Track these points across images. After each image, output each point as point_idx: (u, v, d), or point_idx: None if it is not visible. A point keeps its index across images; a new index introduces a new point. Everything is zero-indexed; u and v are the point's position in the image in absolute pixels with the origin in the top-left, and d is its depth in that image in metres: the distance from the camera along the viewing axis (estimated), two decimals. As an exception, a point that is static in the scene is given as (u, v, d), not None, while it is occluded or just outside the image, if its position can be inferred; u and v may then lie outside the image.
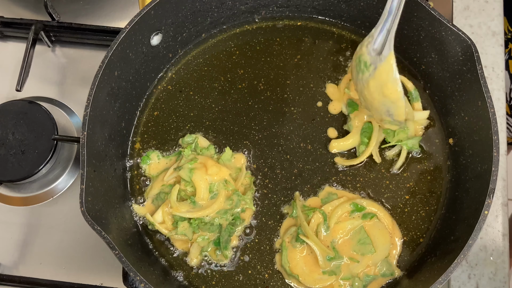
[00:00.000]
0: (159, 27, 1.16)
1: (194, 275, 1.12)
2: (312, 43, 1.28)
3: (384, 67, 1.00)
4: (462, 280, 1.20)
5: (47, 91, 1.36)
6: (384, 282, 1.10)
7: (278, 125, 1.22)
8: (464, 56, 1.07)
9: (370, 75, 1.02)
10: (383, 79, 1.01)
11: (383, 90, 1.02)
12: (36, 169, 1.21)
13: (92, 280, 1.21)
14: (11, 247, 1.25)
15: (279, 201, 1.16)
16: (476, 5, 1.39)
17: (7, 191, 1.28)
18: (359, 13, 1.24)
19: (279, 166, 1.19)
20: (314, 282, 1.08)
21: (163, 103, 1.24)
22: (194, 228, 1.09)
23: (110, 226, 1.01)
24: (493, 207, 1.24)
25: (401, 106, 1.02)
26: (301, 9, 1.29)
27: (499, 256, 1.21)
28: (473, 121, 1.09)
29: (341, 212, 1.11)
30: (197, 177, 1.10)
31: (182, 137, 1.20)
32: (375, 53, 1.02)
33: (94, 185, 1.01)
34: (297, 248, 1.10)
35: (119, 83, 1.12)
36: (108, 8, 1.44)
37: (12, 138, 1.23)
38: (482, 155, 1.04)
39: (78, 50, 1.39)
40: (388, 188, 1.16)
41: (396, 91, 1.00)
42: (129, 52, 1.12)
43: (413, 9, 1.12)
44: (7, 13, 1.41)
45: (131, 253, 1.01)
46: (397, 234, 1.13)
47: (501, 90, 1.32)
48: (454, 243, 1.02)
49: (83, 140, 1.00)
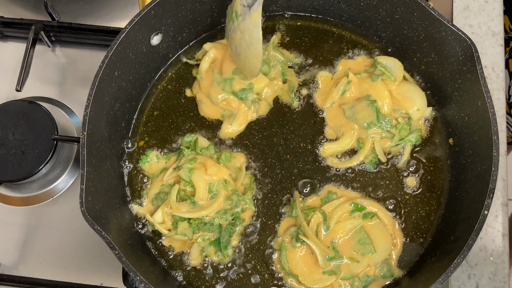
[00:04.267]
0: (159, 27, 1.16)
1: (194, 275, 1.12)
2: (312, 43, 1.28)
3: (249, 21, 1.03)
4: (462, 280, 1.20)
5: (47, 91, 1.36)
6: (384, 283, 1.10)
7: (278, 125, 1.22)
8: (464, 56, 1.08)
9: (237, 27, 1.06)
10: (248, 33, 1.05)
11: (248, 45, 1.06)
12: (36, 169, 1.21)
13: (92, 280, 1.21)
14: (11, 247, 1.25)
15: (279, 201, 1.16)
16: (476, 5, 1.39)
17: (7, 191, 1.28)
18: (359, 13, 1.24)
19: (279, 166, 1.19)
20: (314, 282, 1.08)
21: (163, 103, 1.24)
22: (194, 228, 1.09)
23: (110, 226, 1.01)
24: (493, 207, 1.24)
25: (257, 65, 1.08)
26: (301, 9, 1.29)
27: (499, 256, 1.21)
28: (473, 121, 1.09)
29: (341, 212, 1.11)
30: (196, 177, 1.10)
31: (182, 137, 1.21)
32: (247, 4, 1.04)
33: (94, 185, 1.01)
34: (297, 248, 1.10)
35: (119, 83, 1.12)
36: (108, 8, 1.44)
37: (12, 138, 1.23)
38: (482, 155, 1.04)
39: (78, 50, 1.40)
40: (388, 188, 1.16)
41: (256, 49, 1.05)
42: (129, 52, 1.12)
43: (413, 9, 1.12)
44: (7, 13, 1.41)
45: (131, 253, 1.01)
46: (397, 234, 1.13)
47: (501, 90, 1.32)
48: (454, 243, 1.02)
49: (83, 140, 1.00)
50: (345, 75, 1.21)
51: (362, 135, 1.17)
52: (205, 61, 1.22)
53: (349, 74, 1.20)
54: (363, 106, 1.16)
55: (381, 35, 1.25)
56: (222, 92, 1.19)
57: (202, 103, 1.22)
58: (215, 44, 1.24)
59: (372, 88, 1.17)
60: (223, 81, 1.18)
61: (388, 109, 1.16)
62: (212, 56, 1.22)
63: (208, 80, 1.21)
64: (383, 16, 1.20)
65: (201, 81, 1.21)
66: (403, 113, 1.17)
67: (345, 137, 1.18)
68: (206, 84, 1.21)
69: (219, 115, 1.22)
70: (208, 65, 1.21)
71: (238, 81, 1.18)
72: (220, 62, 1.20)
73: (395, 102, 1.17)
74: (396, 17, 1.18)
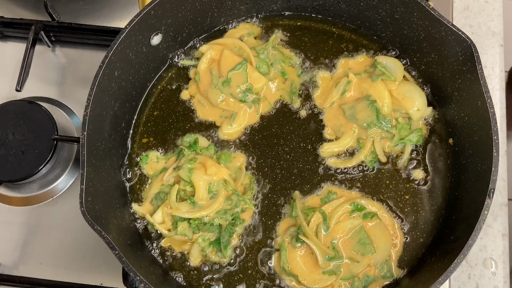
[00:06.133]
0: (159, 27, 1.16)
1: (194, 275, 1.12)
2: (312, 43, 1.28)
3: None
4: (462, 280, 1.20)
5: (47, 91, 1.36)
6: (384, 283, 1.10)
7: (278, 125, 1.22)
8: (464, 56, 1.07)
9: None
10: None
11: None
12: (36, 169, 1.21)
13: (92, 280, 1.21)
14: (11, 247, 1.25)
15: (279, 201, 1.16)
16: (476, 5, 1.39)
17: (7, 191, 1.28)
18: (359, 13, 1.24)
19: (279, 166, 1.19)
20: (314, 282, 1.08)
21: (163, 103, 1.24)
22: (194, 229, 1.09)
23: (110, 226, 1.01)
24: (493, 207, 1.24)
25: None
26: (301, 9, 1.29)
27: (499, 256, 1.21)
28: (473, 121, 1.09)
29: (341, 212, 1.11)
30: (196, 177, 1.10)
31: (182, 137, 1.21)
32: None
33: (94, 185, 1.01)
34: (297, 248, 1.10)
35: (119, 83, 1.12)
36: (108, 8, 1.44)
37: (12, 138, 1.23)
38: (482, 155, 1.04)
39: (78, 50, 1.40)
40: (388, 188, 1.16)
41: None
42: (129, 52, 1.12)
43: (413, 9, 1.12)
44: (7, 13, 1.41)
45: (131, 253, 1.01)
46: (397, 234, 1.13)
47: (501, 90, 1.32)
48: (454, 243, 1.02)
49: (83, 140, 1.00)
50: (345, 75, 1.21)
51: (362, 135, 1.17)
52: (203, 62, 1.22)
53: (349, 74, 1.20)
54: (363, 106, 1.16)
55: (381, 35, 1.25)
56: (221, 93, 1.19)
57: (201, 105, 1.22)
58: (211, 46, 1.24)
59: (372, 88, 1.17)
60: (221, 83, 1.18)
61: (388, 109, 1.16)
62: (209, 56, 1.22)
63: (207, 81, 1.21)
64: (383, 16, 1.20)
65: (199, 83, 1.21)
66: (403, 113, 1.17)
67: (345, 137, 1.18)
68: (204, 85, 1.21)
69: (217, 117, 1.22)
70: (206, 66, 1.21)
71: (236, 81, 1.18)
72: (217, 63, 1.20)
73: (395, 102, 1.17)
74: (396, 17, 1.18)
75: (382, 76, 1.17)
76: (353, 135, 1.17)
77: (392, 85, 1.17)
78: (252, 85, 1.18)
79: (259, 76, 1.19)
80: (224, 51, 1.20)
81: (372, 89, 1.17)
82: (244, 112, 1.20)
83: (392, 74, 1.17)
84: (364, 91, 1.18)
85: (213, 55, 1.22)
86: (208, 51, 1.22)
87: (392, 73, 1.17)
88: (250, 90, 1.19)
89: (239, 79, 1.18)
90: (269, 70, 1.21)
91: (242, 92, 1.18)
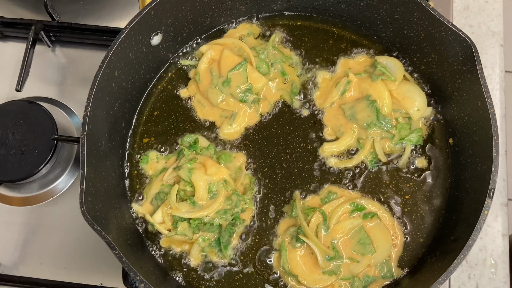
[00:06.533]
0: (159, 27, 1.16)
1: (194, 275, 1.12)
2: (312, 43, 1.28)
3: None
4: (462, 280, 1.20)
5: (47, 91, 1.36)
6: (384, 283, 1.10)
7: (278, 125, 1.22)
8: (464, 56, 1.07)
9: None
10: None
11: None
12: (36, 169, 1.21)
13: (92, 280, 1.21)
14: (11, 247, 1.25)
15: (279, 201, 1.16)
16: (476, 5, 1.39)
17: (7, 191, 1.28)
18: (359, 13, 1.24)
19: (279, 166, 1.19)
20: (314, 282, 1.08)
21: (163, 103, 1.24)
22: (194, 229, 1.09)
23: (110, 226, 1.01)
24: (493, 207, 1.24)
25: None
26: (301, 9, 1.29)
27: (499, 256, 1.21)
28: (473, 121, 1.09)
29: (341, 212, 1.11)
30: (196, 177, 1.10)
31: (182, 137, 1.21)
32: None
33: (94, 185, 1.01)
34: (297, 248, 1.10)
35: (119, 83, 1.12)
36: (108, 8, 1.44)
37: (12, 138, 1.23)
38: (482, 155, 1.04)
39: (78, 50, 1.40)
40: (388, 188, 1.16)
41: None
42: (129, 52, 1.12)
43: (413, 9, 1.12)
44: (7, 13, 1.41)
45: (131, 253, 1.01)
46: (397, 234, 1.13)
47: (501, 90, 1.32)
48: (454, 243, 1.02)
49: (83, 140, 1.00)
50: (345, 75, 1.21)
51: (362, 135, 1.17)
52: (203, 62, 1.22)
53: (349, 74, 1.20)
54: (363, 106, 1.16)
55: (381, 35, 1.25)
56: (221, 93, 1.19)
57: (201, 105, 1.22)
58: (211, 46, 1.24)
59: (372, 88, 1.17)
60: (221, 83, 1.18)
61: (388, 109, 1.16)
62: (209, 56, 1.22)
63: (207, 82, 1.21)
64: (383, 16, 1.20)
65: (199, 83, 1.21)
66: (403, 113, 1.17)
67: (345, 137, 1.18)
68: (204, 85, 1.21)
69: (217, 117, 1.22)
70: (206, 66, 1.21)
71: (236, 81, 1.18)
72: (217, 63, 1.21)
73: (395, 102, 1.17)
74: (396, 17, 1.18)
75: (382, 76, 1.17)
76: (353, 135, 1.17)
77: (392, 85, 1.17)
78: (252, 85, 1.18)
79: (259, 76, 1.19)
80: (224, 51, 1.20)
81: (372, 89, 1.17)
82: (244, 112, 1.21)
83: (392, 74, 1.17)
84: (364, 91, 1.18)
85: (213, 55, 1.22)
86: (208, 51, 1.22)
87: (392, 73, 1.17)
88: (250, 90, 1.19)
89: (239, 79, 1.18)
90: (269, 70, 1.21)
91: (242, 92, 1.18)
